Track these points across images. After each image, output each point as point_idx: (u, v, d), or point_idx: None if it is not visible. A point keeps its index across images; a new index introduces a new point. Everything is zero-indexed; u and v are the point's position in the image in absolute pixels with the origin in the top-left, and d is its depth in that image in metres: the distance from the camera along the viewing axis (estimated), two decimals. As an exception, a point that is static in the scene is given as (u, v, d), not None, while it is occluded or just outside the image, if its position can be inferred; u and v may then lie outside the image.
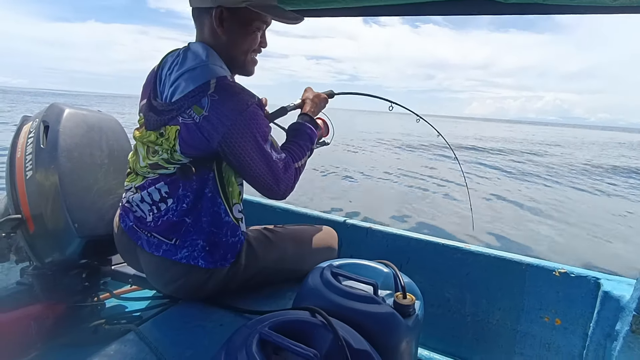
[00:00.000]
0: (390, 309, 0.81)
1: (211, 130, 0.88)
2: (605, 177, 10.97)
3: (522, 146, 21.48)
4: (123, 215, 1.08)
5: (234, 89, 0.91)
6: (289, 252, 1.17)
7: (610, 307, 1.14)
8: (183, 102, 0.89)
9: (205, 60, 0.95)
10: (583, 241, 5.14)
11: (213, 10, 0.97)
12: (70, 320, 1.20)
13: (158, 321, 0.97)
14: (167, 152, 0.93)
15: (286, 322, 0.72)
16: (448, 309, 1.49)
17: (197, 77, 0.90)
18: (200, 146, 0.91)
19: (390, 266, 0.95)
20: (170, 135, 0.91)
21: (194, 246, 0.98)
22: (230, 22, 0.99)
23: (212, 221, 0.99)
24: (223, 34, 0.99)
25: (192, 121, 0.88)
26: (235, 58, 1.03)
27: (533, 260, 1.34)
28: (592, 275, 1.24)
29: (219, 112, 0.87)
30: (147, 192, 0.99)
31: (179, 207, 0.97)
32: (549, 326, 1.32)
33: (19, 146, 1.18)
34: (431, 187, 8.28)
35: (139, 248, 1.03)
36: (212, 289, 1.04)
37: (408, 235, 1.55)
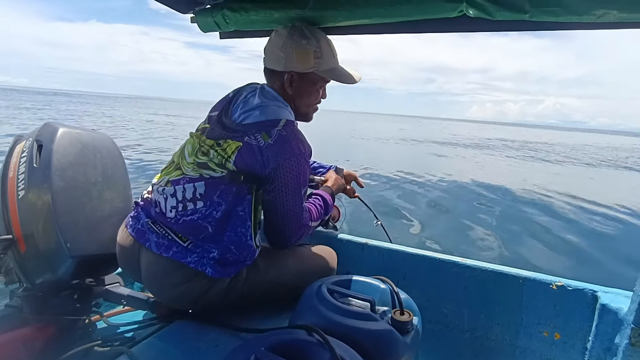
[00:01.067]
0: (388, 326, 0.80)
1: (271, 156, 1.00)
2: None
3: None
4: (135, 216, 1.10)
5: (298, 134, 1.07)
6: (290, 268, 1.20)
7: (608, 321, 1.13)
8: (253, 127, 1.02)
9: (280, 102, 1.12)
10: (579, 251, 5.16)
11: (285, 74, 1.14)
12: (60, 343, 1.17)
13: (151, 343, 0.95)
14: (221, 158, 1.02)
15: (282, 341, 0.71)
16: (446, 325, 1.48)
17: (271, 112, 1.06)
18: (254, 166, 1.02)
19: (387, 282, 0.95)
20: (228, 149, 1.01)
21: (206, 253, 1.00)
22: (298, 82, 1.16)
23: (236, 240, 1.03)
24: (292, 92, 1.17)
25: (257, 144, 1.01)
26: (299, 109, 1.21)
27: (530, 273, 1.34)
28: (589, 287, 1.24)
29: (282, 146, 1.01)
30: (183, 187, 1.03)
31: (209, 212, 1.01)
32: (549, 341, 1.30)
33: (12, 166, 1.17)
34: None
35: (144, 250, 1.04)
36: (212, 299, 1.04)
37: (404, 251, 1.54)
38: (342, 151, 15.09)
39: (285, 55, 1.12)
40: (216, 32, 1.54)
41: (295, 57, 1.12)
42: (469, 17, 1.08)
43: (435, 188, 8.66)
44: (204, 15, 1.48)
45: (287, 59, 1.12)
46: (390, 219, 5.98)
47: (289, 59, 1.12)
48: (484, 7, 1.04)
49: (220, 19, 1.43)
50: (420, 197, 7.73)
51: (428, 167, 11.50)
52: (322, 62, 1.15)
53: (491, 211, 6.91)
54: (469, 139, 32.17)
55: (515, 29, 1.16)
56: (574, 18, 0.99)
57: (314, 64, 1.13)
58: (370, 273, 1.02)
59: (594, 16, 0.96)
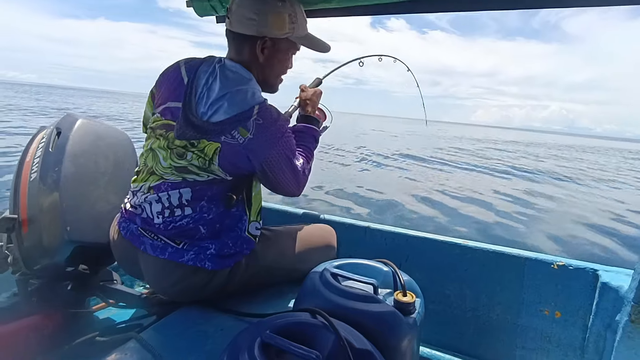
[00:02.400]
0: (391, 308, 0.81)
1: (256, 150, 0.96)
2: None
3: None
4: (125, 221, 1.07)
5: (273, 115, 0.99)
6: (288, 251, 1.19)
7: (609, 298, 1.15)
8: (227, 125, 0.93)
9: (246, 83, 1.00)
10: (580, 231, 5.18)
11: (257, 40, 1.05)
12: (69, 330, 1.19)
13: (158, 327, 0.97)
14: (202, 160, 0.96)
15: (287, 324, 0.72)
16: (448, 306, 1.50)
17: (241, 101, 0.95)
18: (241, 164, 0.98)
19: (390, 265, 0.95)
20: (207, 151, 0.95)
21: (203, 250, 1.00)
22: (271, 50, 1.08)
23: (233, 235, 1.02)
24: (262, 60, 1.08)
25: (236, 142, 0.94)
26: (267, 79, 1.13)
27: (531, 254, 1.35)
28: (590, 267, 1.25)
29: (263, 136, 0.96)
30: (167, 194, 0.99)
31: (199, 216, 0.99)
32: (549, 319, 1.32)
33: (31, 151, 1.21)
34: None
35: (140, 253, 1.03)
36: (214, 290, 1.04)
37: (406, 233, 1.55)
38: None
39: (258, 19, 1.03)
40: (212, 16, 1.51)
41: (270, 21, 1.03)
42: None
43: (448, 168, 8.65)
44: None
45: (261, 22, 1.03)
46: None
47: (262, 23, 1.03)
48: None
49: (216, 3, 1.41)
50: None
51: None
52: (296, 27, 1.08)
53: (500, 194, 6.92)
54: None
55: (511, 7, 1.13)
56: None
57: (289, 29, 1.06)
58: (373, 256, 1.03)
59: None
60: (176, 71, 1.06)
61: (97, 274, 1.27)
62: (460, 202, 6.44)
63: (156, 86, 1.10)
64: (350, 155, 11.31)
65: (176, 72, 1.05)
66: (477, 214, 5.87)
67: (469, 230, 5.07)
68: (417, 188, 7.28)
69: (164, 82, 1.07)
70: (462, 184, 8.40)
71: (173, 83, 1.04)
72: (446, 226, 5.17)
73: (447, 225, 5.21)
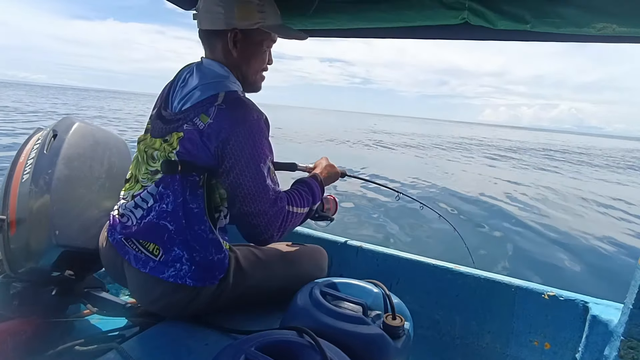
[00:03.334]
0: (380, 331, 0.80)
1: (212, 135, 0.89)
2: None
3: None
4: (112, 228, 1.06)
5: (242, 102, 0.93)
6: (278, 271, 1.16)
7: (598, 332, 1.14)
8: (190, 112, 0.92)
9: (219, 76, 0.99)
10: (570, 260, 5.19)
11: (227, 33, 1.00)
12: (49, 337, 1.16)
13: (141, 339, 0.95)
14: (165, 156, 0.94)
15: (273, 342, 0.71)
16: (438, 331, 1.48)
17: (207, 89, 0.94)
18: (198, 153, 0.92)
19: (380, 286, 0.94)
20: (174, 142, 0.93)
21: (179, 262, 0.96)
22: (243, 43, 1.03)
23: (197, 237, 0.97)
24: (236, 54, 1.03)
25: (196, 128, 0.90)
26: (246, 77, 1.08)
27: (522, 282, 1.35)
28: (581, 298, 1.25)
29: (224, 120, 0.89)
30: (141, 197, 0.98)
31: (160, 207, 0.95)
32: (539, 350, 1.31)
33: (25, 152, 1.20)
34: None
35: (125, 263, 1.02)
36: (199, 307, 1.02)
37: (398, 255, 1.54)
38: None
39: (225, 11, 0.98)
40: None
41: (236, 12, 0.98)
42: (471, 25, 1.09)
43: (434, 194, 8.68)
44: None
45: (227, 14, 0.98)
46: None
47: (229, 15, 0.98)
48: (485, 15, 1.05)
49: None
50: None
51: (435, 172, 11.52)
52: (266, 16, 1.02)
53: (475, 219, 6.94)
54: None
55: (516, 38, 1.17)
56: (574, 30, 1.00)
57: (258, 19, 1.01)
58: (364, 276, 1.02)
59: (594, 29, 0.97)
60: (169, 82, 1.09)
61: (82, 280, 1.25)
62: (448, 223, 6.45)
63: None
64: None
65: (168, 83, 1.09)
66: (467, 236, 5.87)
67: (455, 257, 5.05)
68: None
69: (159, 94, 1.10)
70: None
71: (162, 91, 1.08)
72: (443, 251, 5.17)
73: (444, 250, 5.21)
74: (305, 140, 19.66)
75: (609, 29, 0.96)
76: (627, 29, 0.96)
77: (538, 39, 1.12)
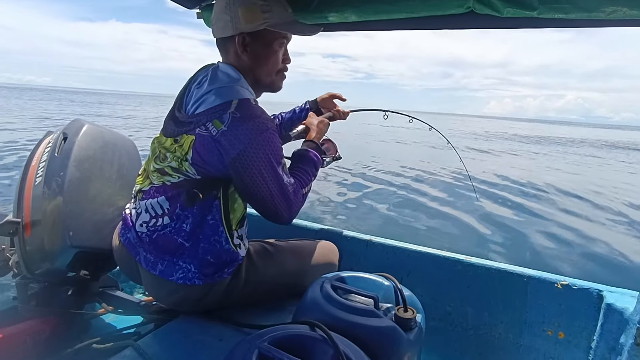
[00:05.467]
0: (391, 323, 0.80)
1: (227, 145, 0.90)
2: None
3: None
4: (124, 227, 1.08)
5: (254, 111, 0.94)
6: (289, 266, 1.17)
7: (613, 320, 1.13)
8: (203, 116, 0.92)
9: (232, 81, 0.99)
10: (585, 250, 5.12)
11: (235, 38, 1.02)
12: (67, 336, 1.19)
13: (156, 336, 0.96)
14: (177, 160, 0.94)
15: (286, 336, 0.71)
16: (450, 323, 1.48)
17: (222, 95, 0.94)
18: (212, 161, 0.93)
19: (391, 279, 0.94)
20: (185, 144, 0.93)
21: (187, 270, 0.98)
22: (252, 45, 1.03)
23: (211, 249, 0.99)
24: (248, 58, 1.04)
25: (209, 134, 0.91)
26: (260, 79, 1.08)
27: (535, 272, 1.33)
28: (595, 287, 1.23)
29: (238, 129, 0.90)
30: (151, 204, 0.99)
31: (178, 226, 0.97)
32: (553, 340, 1.30)
33: (37, 155, 1.22)
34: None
35: (138, 263, 1.04)
36: (212, 301, 1.04)
37: (409, 248, 1.54)
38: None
39: (230, 17, 1.00)
40: None
41: (240, 15, 0.99)
42: (477, 13, 1.07)
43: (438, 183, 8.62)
44: (210, 10, 1.48)
45: (233, 20, 1.00)
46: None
47: (235, 19, 1.00)
48: (491, 3, 1.03)
49: None
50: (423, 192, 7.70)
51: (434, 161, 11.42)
52: (272, 15, 1.01)
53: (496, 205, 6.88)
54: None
55: (523, 26, 1.14)
56: (583, 15, 0.98)
57: (262, 19, 1.00)
58: (374, 270, 1.02)
59: (604, 13, 0.95)
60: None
61: (97, 280, 1.27)
62: (457, 215, 6.41)
63: None
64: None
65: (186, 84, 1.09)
66: (477, 227, 5.83)
67: (468, 246, 5.03)
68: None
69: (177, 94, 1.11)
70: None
71: (180, 92, 1.08)
72: (448, 241, 5.14)
73: (449, 241, 5.18)
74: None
75: (619, 12, 0.94)
76: (638, 12, 0.94)
77: (546, 25, 1.10)
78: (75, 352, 1.09)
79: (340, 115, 1.47)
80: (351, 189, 7.42)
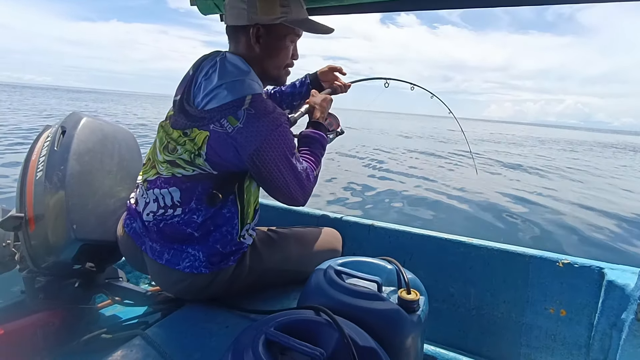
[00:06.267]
0: (395, 306, 0.81)
1: (244, 142, 0.91)
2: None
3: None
4: (129, 218, 1.09)
5: (268, 106, 0.95)
6: (293, 253, 1.18)
7: (614, 297, 1.14)
8: (217, 112, 0.92)
9: (243, 75, 0.98)
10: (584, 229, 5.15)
11: (250, 28, 1.01)
12: (75, 327, 1.20)
13: (164, 325, 0.98)
14: (189, 153, 0.94)
15: (291, 321, 0.72)
16: (453, 304, 1.49)
17: (234, 90, 0.94)
18: (228, 157, 0.94)
19: (394, 263, 0.95)
20: (197, 139, 0.93)
21: (195, 258, 0.99)
22: (266, 38, 1.03)
23: (222, 239, 1.00)
24: (259, 50, 1.04)
25: (224, 130, 0.91)
26: (269, 71, 1.08)
27: (536, 251, 1.34)
28: (596, 264, 1.24)
29: (253, 126, 0.91)
30: (161, 193, 0.99)
31: (188, 217, 0.97)
32: (554, 317, 1.32)
33: (36, 150, 1.22)
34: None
35: (143, 252, 1.05)
36: (218, 289, 1.05)
37: (410, 231, 1.55)
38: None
39: (247, 6, 0.99)
40: (217, 14, 1.51)
41: (259, 6, 0.99)
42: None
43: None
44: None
45: (250, 9, 0.99)
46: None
47: (251, 10, 0.99)
48: None
49: (220, 1, 1.41)
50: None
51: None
52: (289, 11, 1.02)
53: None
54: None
55: (514, 3, 1.12)
56: None
57: (280, 13, 1.01)
58: (377, 254, 1.03)
59: None
60: (189, 71, 1.07)
61: (103, 272, 1.28)
62: (461, 200, 6.42)
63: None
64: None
65: (188, 73, 1.07)
66: (479, 211, 5.85)
67: (472, 227, 5.05)
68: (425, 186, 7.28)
69: (180, 82, 1.09)
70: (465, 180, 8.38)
71: (183, 78, 1.06)
72: (449, 224, 5.16)
73: (450, 223, 5.20)
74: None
75: None
76: None
77: (538, 2, 1.08)
78: (84, 343, 1.11)
79: (341, 89, 1.45)
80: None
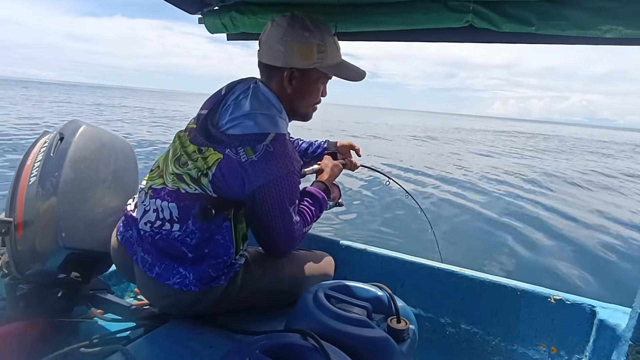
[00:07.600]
0: (384, 334, 0.80)
1: (253, 175, 0.92)
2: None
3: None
4: (124, 226, 1.08)
5: (287, 150, 0.96)
6: (285, 275, 1.17)
7: (606, 336, 1.13)
8: (237, 140, 0.92)
9: (274, 111, 1.00)
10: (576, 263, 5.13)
11: (285, 70, 1.03)
12: (54, 339, 1.17)
13: (146, 341, 0.95)
14: (198, 171, 0.94)
15: (277, 345, 0.70)
16: (443, 335, 1.47)
17: (261, 124, 0.94)
18: (233, 184, 0.94)
19: (385, 289, 0.94)
20: (210, 159, 0.93)
21: (185, 277, 0.97)
22: (299, 80, 1.05)
23: (215, 264, 0.99)
24: (291, 91, 1.06)
25: (237, 158, 0.91)
26: (298, 109, 1.11)
27: (528, 286, 1.33)
28: (588, 302, 1.23)
29: (267, 164, 0.92)
30: (161, 205, 0.98)
31: (183, 237, 0.96)
32: (545, 354, 1.30)
33: (32, 154, 1.21)
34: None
35: (134, 262, 1.03)
36: (206, 306, 1.03)
37: (403, 258, 1.54)
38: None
39: (285, 50, 1.01)
40: (223, 33, 1.55)
41: (296, 52, 1.01)
42: (476, 27, 1.09)
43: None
44: (211, 16, 1.49)
45: (287, 53, 1.01)
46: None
47: (288, 54, 1.01)
48: (490, 18, 1.05)
49: (227, 21, 1.44)
50: (420, 205, 7.68)
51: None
52: (325, 56, 1.04)
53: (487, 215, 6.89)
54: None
55: (521, 41, 1.16)
56: (579, 32, 1.00)
57: (316, 59, 1.03)
58: (369, 279, 1.02)
59: (600, 31, 0.97)
60: (221, 90, 1.09)
61: (88, 282, 1.26)
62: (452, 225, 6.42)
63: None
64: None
65: (220, 91, 1.09)
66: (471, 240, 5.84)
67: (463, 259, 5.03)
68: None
69: (209, 98, 1.11)
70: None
71: (214, 95, 1.08)
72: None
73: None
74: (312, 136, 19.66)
75: (615, 31, 0.96)
76: (633, 31, 0.96)
77: (543, 41, 1.12)
78: (63, 356, 1.07)
79: (351, 167, 1.51)
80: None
